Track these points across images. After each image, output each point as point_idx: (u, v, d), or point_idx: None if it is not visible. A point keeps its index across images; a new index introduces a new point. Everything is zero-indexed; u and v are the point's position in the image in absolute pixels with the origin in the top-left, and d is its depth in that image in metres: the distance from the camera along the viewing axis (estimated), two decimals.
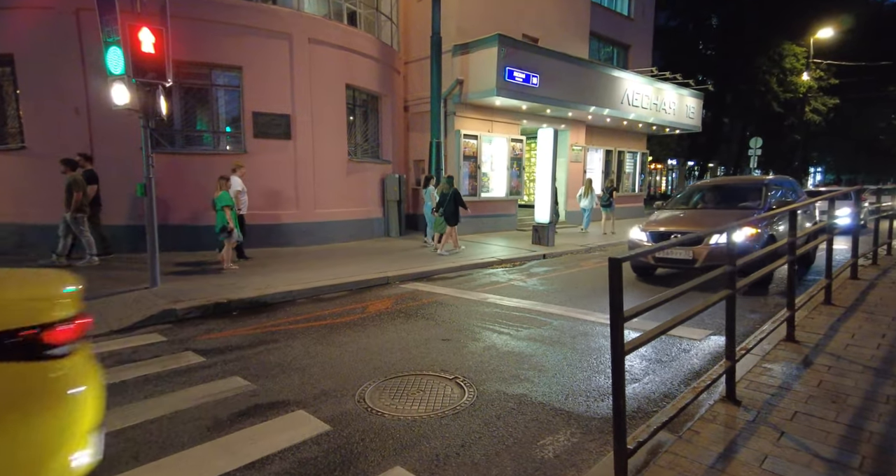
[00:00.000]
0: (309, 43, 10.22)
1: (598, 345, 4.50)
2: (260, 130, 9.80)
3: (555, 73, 13.03)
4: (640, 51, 21.16)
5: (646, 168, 21.12)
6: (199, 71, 9.45)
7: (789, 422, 2.72)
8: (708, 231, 5.86)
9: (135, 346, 4.53)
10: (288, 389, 3.56)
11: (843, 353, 3.73)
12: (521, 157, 14.91)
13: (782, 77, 27.00)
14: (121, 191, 8.72)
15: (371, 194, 12.16)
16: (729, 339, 3.02)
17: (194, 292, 6.11)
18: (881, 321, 4.55)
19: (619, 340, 2.12)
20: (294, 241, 10.35)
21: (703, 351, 4.33)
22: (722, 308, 3.03)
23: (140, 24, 5.45)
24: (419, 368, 3.93)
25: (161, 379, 3.77)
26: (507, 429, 2.96)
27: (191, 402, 3.34)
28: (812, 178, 48.62)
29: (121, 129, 8.31)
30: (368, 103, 12.45)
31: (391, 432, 2.93)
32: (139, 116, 5.88)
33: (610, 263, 2.10)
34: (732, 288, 3.00)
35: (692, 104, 18.94)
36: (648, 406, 3.24)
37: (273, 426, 3.02)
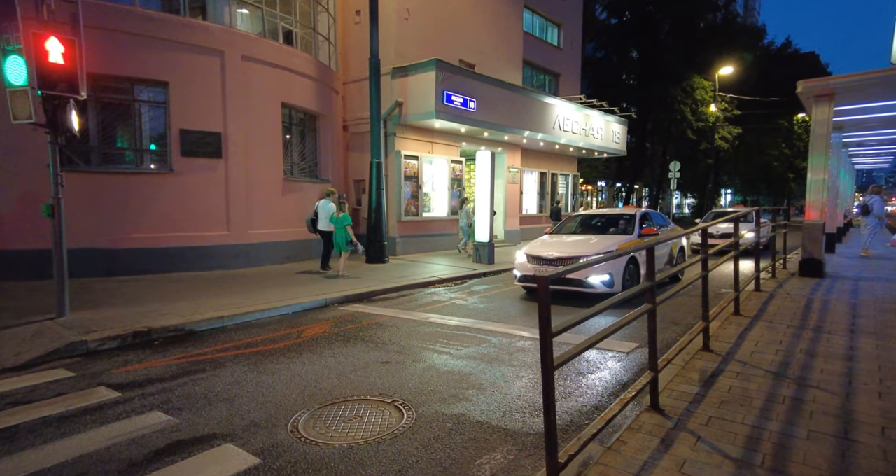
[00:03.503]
0: (243, 60, 9.96)
1: (534, 360, 4.62)
2: (188, 148, 9.34)
3: (491, 98, 13.55)
4: (569, 79, 22.54)
5: (577, 189, 22.27)
6: (119, 85, 8.92)
7: (705, 426, 2.92)
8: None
9: (33, 385, 4.07)
10: (214, 422, 3.34)
11: (749, 360, 4.09)
12: (461, 178, 15.22)
13: (694, 107, 29.76)
14: (23, 212, 7.93)
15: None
16: (652, 351, 3.21)
17: (110, 321, 5.62)
18: (778, 329, 5.04)
19: (548, 356, 2.19)
20: (226, 264, 9.85)
21: (630, 363, 4.57)
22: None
23: (47, 33, 5.07)
24: (357, 394, 3.84)
25: (65, 420, 3.40)
26: (445, 450, 2.95)
27: (100, 444, 3.04)
28: (724, 199, 53.42)
29: (24, 144, 7.61)
30: (306, 122, 12.26)
31: (325, 462, 2.82)
32: (46, 132, 5.42)
33: (538, 282, 2.19)
34: (653, 302, 3.21)
35: (618, 130, 20.33)
36: (581, 419, 3.36)
37: (196, 463, 2.81)
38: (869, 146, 14.22)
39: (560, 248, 7.49)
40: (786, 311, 5.81)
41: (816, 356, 4.16)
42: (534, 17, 20.50)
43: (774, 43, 40.91)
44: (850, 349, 4.34)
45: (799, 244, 9.16)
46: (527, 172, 18.69)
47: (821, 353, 4.25)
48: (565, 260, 7.14)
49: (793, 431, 2.82)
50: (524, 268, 7.59)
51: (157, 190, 9.10)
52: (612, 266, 6.90)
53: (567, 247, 7.57)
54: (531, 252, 7.64)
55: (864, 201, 11.88)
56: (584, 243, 7.64)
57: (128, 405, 3.65)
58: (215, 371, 4.39)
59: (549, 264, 7.23)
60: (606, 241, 7.58)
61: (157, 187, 9.11)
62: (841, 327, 5.09)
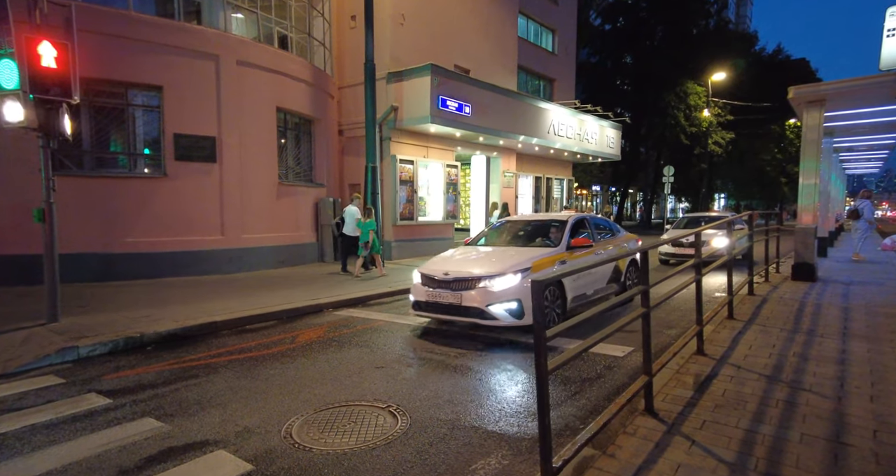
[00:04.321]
0: (237, 65, 9.96)
1: (529, 364, 4.61)
2: (182, 153, 9.31)
3: (486, 103, 13.60)
4: (564, 84, 22.69)
5: (572, 193, 22.36)
6: (113, 89, 8.88)
7: (699, 430, 2.93)
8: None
9: (22, 392, 4.02)
10: (207, 428, 3.31)
11: (743, 363, 4.11)
12: (456, 182, 15.25)
13: (688, 112, 30.01)
14: (15, 216, 7.86)
15: (304, 218, 11.85)
16: (646, 355, 3.22)
17: (102, 326, 5.57)
18: (772, 333, 5.07)
19: (543, 359, 2.19)
20: (220, 268, 9.80)
21: (625, 367, 4.57)
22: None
23: (40, 37, 5.06)
24: (351, 399, 3.82)
25: (54, 427, 3.36)
26: (439, 455, 2.93)
27: (90, 451, 3.00)
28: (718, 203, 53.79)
29: (14, 148, 7.56)
30: (301, 126, 12.26)
31: (319, 468, 2.80)
32: (38, 136, 5.39)
33: (532, 286, 2.20)
34: (647, 306, 3.22)
35: (612, 134, 20.46)
36: (575, 423, 3.35)
37: (188, 470, 2.78)
38: (859, 151, 14.38)
39: (460, 265, 5.83)
40: (779, 315, 5.85)
41: (809, 360, 4.18)
42: (528, 22, 20.66)
43: (766, 49, 41.39)
44: (843, 353, 4.36)
45: (791, 249, 9.23)
46: (522, 177, 18.75)
47: (813, 356, 4.28)
48: (462, 281, 5.52)
49: (786, 435, 2.83)
50: (417, 291, 5.91)
51: (151, 194, 9.06)
52: (522, 290, 5.33)
53: (470, 263, 5.90)
54: (426, 270, 5.95)
55: (854, 206, 12.00)
56: (492, 258, 5.94)
57: (119, 412, 3.61)
58: (208, 377, 4.36)
59: (443, 287, 5.60)
60: (522, 255, 5.92)
61: (151, 192, 9.07)
62: (833, 331, 5.12)
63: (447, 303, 5.56)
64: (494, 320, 5.35)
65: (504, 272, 5.44)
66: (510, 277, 5.39)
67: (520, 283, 5.37)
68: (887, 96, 7.53)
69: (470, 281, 5.49)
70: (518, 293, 5.34)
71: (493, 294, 5.34)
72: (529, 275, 5.42)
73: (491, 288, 5.36)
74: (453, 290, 5.55)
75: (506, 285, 5.34)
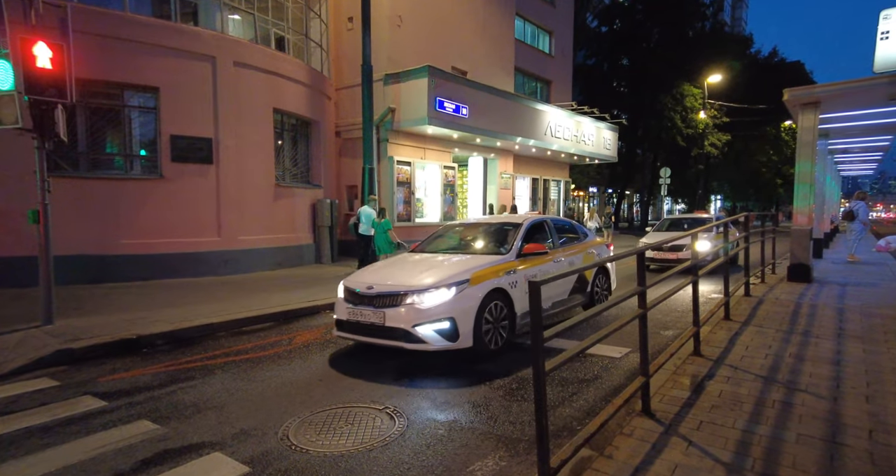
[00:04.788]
0: (234, 66, 9.95)
1: (526, 363, 4.61)
2: (179, 154, 9.28)
3: (483, 105, 13.63)
4: (561, 86, 22.76)
5: (569, 195, 22.40)
6: (109, 90, 8.85)
7: (696, 431, 2.93)
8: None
9: (16, 395, 3.99)
10: (203, 430, 3.30)
11: (739, 364, 4.12)
12: (453, 184, 15.27)
13: (684, 114, 30.13)
14: (9, 218, 7.81)
15: (301, 220, 11.83)
16: (643, 357, 3.22)
17: (97, 329, 5.54)
18: (768, 334, 5.09)
19: (540, 360, 2.19)
20: (216, 270, 9.76)
21: (622, 368, 4.57)
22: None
23: (35, 38, 5.04)
24: (348, 400, 3.80)
25: (49, 430, 3.34)
26: (436, 457, 2.93)
27: (85, 454, 2.98)
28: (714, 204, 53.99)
29: (8, 149, 7.52)
30: (298, 128, 12.25)
31: (315, 470, 2.79)
32: (33, 137, 5.36)
33: (529, 286, 2.20)
34: (644, 307, 3.23)
35: (609, 136, 20.53)
36: (573, 424, 3.35)
37: (184, 472, 2.77)
38: (854, 153, 14.47)
39: (389, 277, 4.97)
40: (775, 316, 5.87)
41: (805, 360, 4.20)
42: (525, 24, 20.72)
43: (761, 52, 41.66)
44: (838, 353, 4.38)
45: (786, 250, 9.27)
46: (519, 178, 18.79)
47: (809, 357, 4.29)
48: (386, 297, 4.65)
49: (782, 435, 2.84)
50: (339, 308, 5.00)
51: (147, 196, 9.02)
52: (456, 307, 4.51)
53: (400, 274, 5.02)
54: (350, 281, 5.08)
55: (849, 207, 12.07)
56: (425, 269, 5.02)
57: (114, 414, 3.59)
58: (205, 379, 4.34)
59: (365, 304, 4.71)
60: (462, 265, 5.01)
61: (147, 193, 9.04)
62: (829, 332, 5.14)
63: (368, 322, 4.65)
64: (422, 344, 4.46)
65: (435, 285, 4.58)
66: (442, 292, 4.54)
67: (453, 298, 4.53)
68: (881, 98, 7.58)
69: (395, 296, 4.61)
70: (450, 310, 4.49)
71: (422, 312, 4.47)
72: (466, 288, 4.63)
73: (419, 304, 4.51)
74: (376, 307, 4.64)
75: (436, 301, 4.51)
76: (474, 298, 4.63)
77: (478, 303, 4.63)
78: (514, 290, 5.10)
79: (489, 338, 4.77)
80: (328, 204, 12.21)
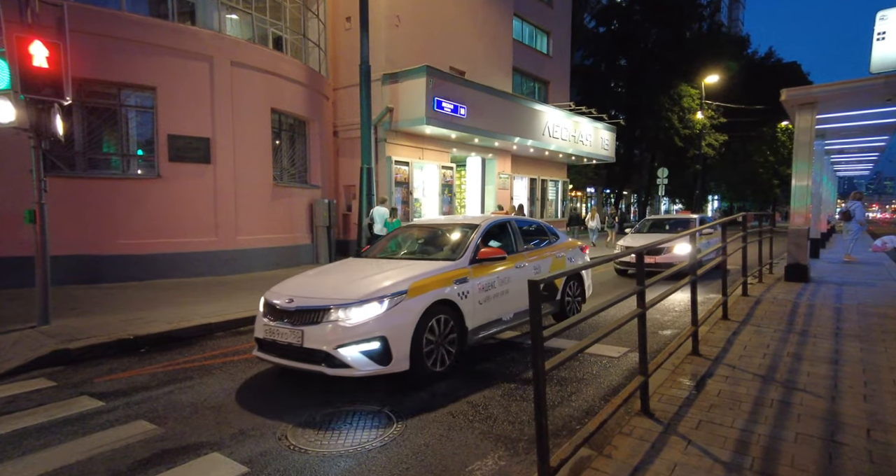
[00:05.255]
0: (232, 66, 9.92)
1: (525, 362, 4.61)
2: (176, 154, 9.25)
3: (481, 105, 13.63)
4: (558, 86, 22.78)
5: (567, 195, 22.42)
6: (106, 90, 8.82)
7: (695, 430, 2.93)
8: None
9: (12, 395, 3.97)
10: (201, 431, 3.28)
11: (738, 364, 4.13)
12: (451, 184, 15.27)
13: (682, 115, 30.22)
14: (5, 217, 7.77)
15: (298, 220, 11.81)
16: (642, 356, 3.22)
17: (94, 329, 5.51)
18: (766, 333, 5.10)
19: (540, 359, 2.18)
20: (214, 270, 9.73)
21: (621, 367, 4.58)
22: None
23: (31, 37, 5.02)
24: (349, 400, 3.80)
25: (45, 430, 3.32)
26: (435, 457, 2.92)
27: (82, 455, 2.97)
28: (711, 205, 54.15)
29: (4, 149, 7.48)
30: (296, 128, 12.23)
31: (314, 470, 2.78)
32: (29, 136, 5.34)
33: (529, 285, 2.19)
34: (643, 307, 3.23)
35: (606, 136, 20.56)
36: (572, 424, 3.35)
37: (182, 472, 2.75)
38: (850, 154, 14.53)
39: (315, 288, 4.33)
40: (773, 316, 5.89)
41: (803, 360, 4.21)
42: (523, 25, 20.74)
43: (758, 52, 41.85)
44: (836, 353, 4.39)
45: (783, 250, 9.29)
46: (517, 178, 18.80)
47: (807, 356, 4.30)
48: (306, 312, 3.96)
49: (781, 434, 2.85)
50: (258, 324, 4.29)
51: (144, 196, 8.99)
52: (388, 324, 3.84)
53: (329, 284, 4.40)
54: (271, 293, 4.38)
55: (846, 207, 12.11)
56: (359, 277, 4.38)
57: (111, 414, 3.57)
58: (202, 379, 4.32)
59: (283, 320, 4.02)
60: (403, 273, 4.31)
61: (144, 193, 9.01)
62: (826, 331, 5.16)
63: (286, 342, 3.93)
64: (345, 369, 3.74)
65: (364, 298, 3.89)
66: (372, 306, 3.87)
67: (384, 313, 3.85)
68: (878, 99, 7.61)
69: (316, 312, 3.91)
70: (381, 328, 3.80)
71: (347, 330, 3.77)
72: (403, 301, 3.96)
73: (344, 321, 3.82)
74: (294, 324, 3.94)
75: (364, 317, 3.82)
76: (412, 313, 3.95)
77: (416, 318, 3.96)
78: (465, 301, 4.43)
79: (432, 359, 4.12)
80: (326, 204, 12.19)
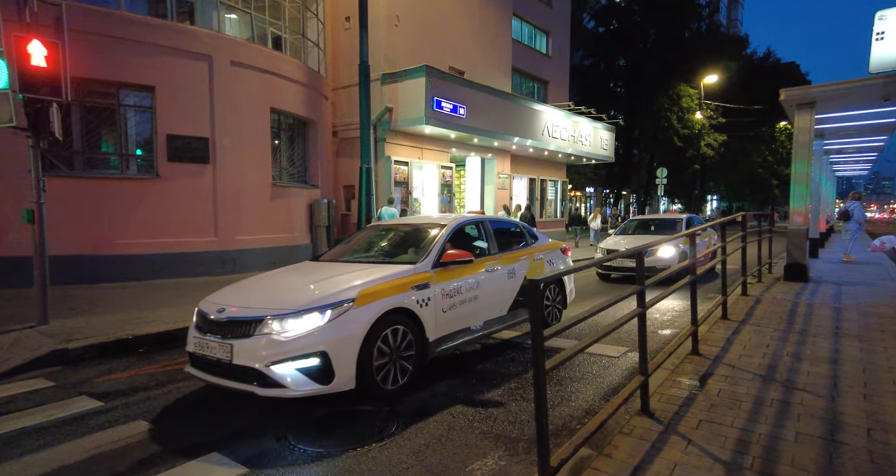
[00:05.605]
0: (231, 65, 9.91)
1: (525, 362, 4.61)
2: (175, 154, 9.24)
3: (481, 105, 13.62)
4: (558, 86, 22.78)
5: (566, 195, 22.42)
6: (105, 89, 8.80)
7: (695, 430, 2.93)
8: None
9: (11, 396, 3.95)
10: (200, 431, 3.27)
11: (738, 363, 4.13)
12: (451, 184, 15.26)
13: (681, 115, 30.26)
14: (3, 217, 7.75)
15: (298, 220, 11.80)
16: (642, 356, 3.22)
17: (93, 329, 5.50)
18: (765, 333, 5.10)
19: (540, 359, 2.18)
20: (213, 270, 9.72)
21: (621, 367, 4.57)
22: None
23: (29, 36, 5.01)
24: (348, 401, 3.79)
25: (44, 431, 3.31)
26: (435, 457, 2.92)
27: (80, 455, 2.96)
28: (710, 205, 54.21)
29: (4, 148, 7.46)
30: (295, 128, 12.21)
31: (314, 470, 2.77)
32: (27, 136, 5.32)
33: (530, 285, 2.19)
34: (643, 306, 3.22)
35: (605, 136, 20.56)
36: (572, 423, 3.35)
37: (180, 473, 2.75)
38: (849, 153, 14.56)
39: (253, 294, 4.00)
40: (772, 315, 5.89)
41: (803, 359, 4.21)
42: (522, 24, 20.74)
43: (757, 53, 41.91)
44: (835, 352, 4.40)
45: (782, 250, 9.30)
46: (516, 178, 18.79)
47: (807, 356, 4.30)
48: (236, 324, 3.54)
49: (781, 434, 2.85)
50: (189, 337, 3.87)
51: (143, 195, 8.98)
52: (330, 337, 3.41)
53: (269, 290, 4.07)
54: (204, 302, 3.98)
55: (844, 207, 12.13)
56: (301, 284, 4.05)
57: (110, 415, 3.56)
58: None
59: (213, 333, 3.60)
60: (355, 277, 3.91)
61: (143, 193, 8.99)
62: (825, 331, 5.16)
63: (215, 358, 3.50)
64: (280, 389, 3.31)
65: (303, 308, 3.47)
66: (312, 317, 3.43)
67: (325, 325, 3.42)
68: (876, 99, 7.62)
69: (248, 324, 3.47)
70: (321, 342, 3.37)
71: (281, 344, 3.33)
72: (349, 311, 3.52)
73: (279, 334, 3.38)
74: (224, 337, 3.50)
75: (302, 329, 3.38)
76: (359, 324, 3.51)
77: (365, 329, 3.52)
78: (426, 309, 4.03)
79: (384, 374, 3.68)
80: (325, 204, 12.18)
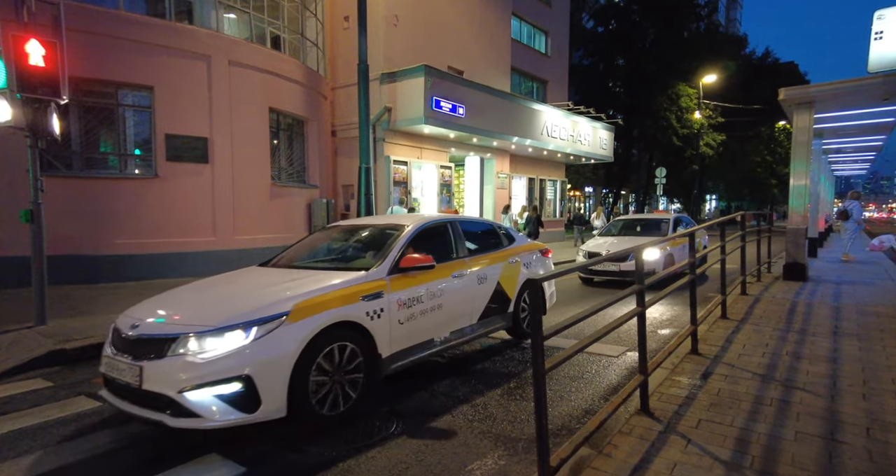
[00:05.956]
0: (229, 65, 9.89)
1: (525, 362, 4.60)
2: (174, 153, 9.22)
3: (480, 105, 13.62)
4: (557, 86, 22.78)
5: (565, 195, 22.43)
6: (103, 89, 8.78)
7: (695, 429, 2.93)
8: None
9: (8, 396, 3.95)
10: (199, 431, 3.25)
11: (737, 363, 4.13)
12: (450, 184, 15.25)
13: (680, 114, 30.26)
14: (1, 217, 7.73)
15: (296, 220, 11.79)
16: (641, 355, 3.22)
17: (91, 329, 5.48)
18: (765, 332, 5.10)
19: (539, 359, 2.18)
20: (212, 270, 9.56)
21: (620, 366, 4.57)
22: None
23: (27, 36, 4.99)
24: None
25: (41, 431, 3.30)
26: (435, 456, 2.91)
27: (80, 455, 2.95)
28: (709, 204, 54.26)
29: (2, 148, 7.44)
30: (294, 127, 12.20)
31: (313, 470, 2.77)
32: (25, 135, 5.31)
33: (529, 285, 2.18)
34: (642, 306, 3.22)
35: (605, 136, 20.56)
36: (572, 423, 3.35)
37: (180, 472, 2.74)
38: (847, 153, 14.58)
39: (177, 305, 3.57)
40: (771, 315, 5.89)
41: (802, 358, 4.21)
42: (521, 24, 20.73)
43: (755, 52, 41.91)
44: (834, 351, 4.40)
45: (780, 249, 9.30)
46: (515, 178, 18.79)
47: (806, 355, 4.31)
48: (148, 342, 3.06)
49: (780, 433, 2.85)
50: (104, 355, 3.33)
51: (142, 195, 8.96)
52: (255, 358, 2.93)
53: (196, 301, 3.64)
54: (122, 316, 3.52)
55: (843, 207, 12.14)
56: (236, 293, 3.64)
57: (109, 415, 3.55)
58: None
59: (125, 352, 3.11)
60: (294, 287, 3.45)
61: (142, 193, 8.97)
62: (825, 330, 5.17)
63: (124, 382, 3.03)
64: (195, 419, 2.85)
65: (225, 324, 3.00)
66: (234, 335, 2.97)
67: (250, 344, 2.95)
68: (875, 98, 7.63)
69: (161, 342, 3.00)
70: (244, 364, 2.90)
71: (197, 367, 2.86)
72: (280, 327, 3.05)
73: (195, 355, 2.90)
74: (134, 358, 3.02)
75: (222, 349, 2.92)
76: (292, 342, 3.04)
77: (299, 348, 3.06)
78: (378, 321, 3.58)
79: (323, 398, 3.19)
80: (324, 204, 12.17)
